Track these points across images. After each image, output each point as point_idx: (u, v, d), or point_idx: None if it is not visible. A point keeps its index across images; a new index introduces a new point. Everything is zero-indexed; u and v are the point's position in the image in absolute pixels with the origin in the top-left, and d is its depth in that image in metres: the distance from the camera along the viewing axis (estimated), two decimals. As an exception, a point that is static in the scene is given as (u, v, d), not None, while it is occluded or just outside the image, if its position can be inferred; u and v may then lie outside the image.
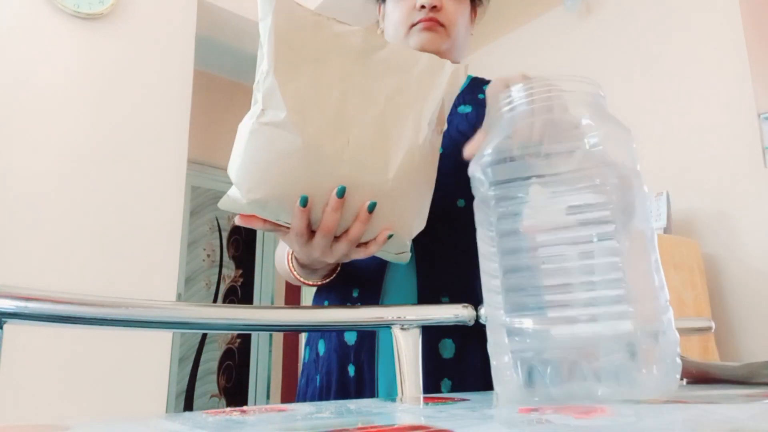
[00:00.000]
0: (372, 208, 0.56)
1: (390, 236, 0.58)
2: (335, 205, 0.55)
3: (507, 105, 0.47)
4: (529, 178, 0.44)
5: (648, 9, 2.75)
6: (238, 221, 0.58)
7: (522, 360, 0.41)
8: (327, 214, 0.55)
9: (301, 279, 0.73)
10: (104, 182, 2.16)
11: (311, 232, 0.58)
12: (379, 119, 0.58)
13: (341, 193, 0.54)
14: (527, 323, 0.41)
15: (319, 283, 0.75)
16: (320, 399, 0.78)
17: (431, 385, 0.72)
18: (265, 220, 0.58)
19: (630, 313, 0.38)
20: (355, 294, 0.79)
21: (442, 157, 0.80)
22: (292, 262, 0.72)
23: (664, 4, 2.69)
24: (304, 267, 0.71)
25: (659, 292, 0.41)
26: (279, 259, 0.80)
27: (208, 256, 4.01)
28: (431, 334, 0.73)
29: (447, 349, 0.75)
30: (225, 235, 4.12)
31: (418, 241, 0.77)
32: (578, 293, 0.40)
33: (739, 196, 2.33)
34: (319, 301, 0.85)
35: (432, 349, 0.74)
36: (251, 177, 0.55)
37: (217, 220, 4.10)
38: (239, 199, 0.56)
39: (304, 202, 0.54)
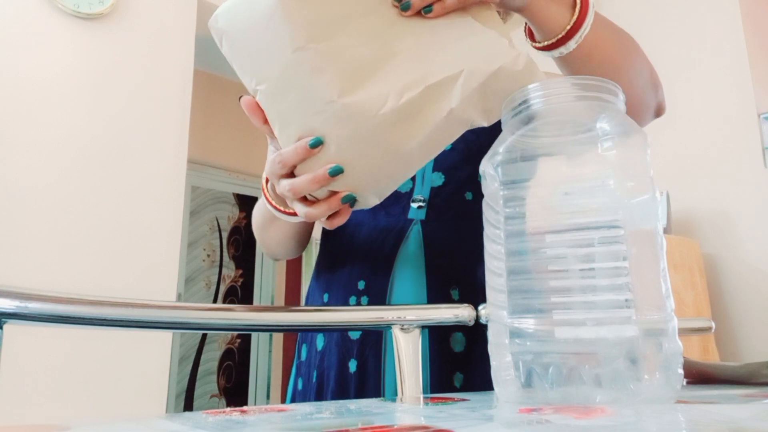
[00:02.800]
0: (335, 172, 0.49)
1: (352, 199, 0.51)
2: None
3: (523, 103, 0.46)
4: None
5: (648, 9, 2.75)
6: (242, 101, 0.53)
7: (523, 362, 0.40)
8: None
9: (273, 203, 0.67)
10: (104, 182, 2.16)
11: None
12: (378, 56, 0.49)
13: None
14: (530, 325, 0.41)
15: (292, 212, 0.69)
16: (316, 399, 0.76)
17: (444, 379, 0.71)
18: (265, 120, 0.53)
19: (634, 319, 0.38)
20: (360, 286, 0.76)
21: (450, 152, 0.79)
22: (267, 189, 0.68)
23: (664, 4, 2.69)
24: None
25: (665, 301, 0.41)
26: (258, 208, 0.78)
27: (208, 256, 4.01)
28: (442, 328, 0.72)
29: (458, 342, 0.73)
30: (225, 235, 4.12)
31: (427, 234, 0.75)
32: (583, 297, 0.40)
33: (739, 196, 2.33)
34: (318, 292, 0.81)
35: (443, 343, 0.73)
36: (224, 6, 0.50)
37: (217, 220, 4.10)
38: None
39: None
